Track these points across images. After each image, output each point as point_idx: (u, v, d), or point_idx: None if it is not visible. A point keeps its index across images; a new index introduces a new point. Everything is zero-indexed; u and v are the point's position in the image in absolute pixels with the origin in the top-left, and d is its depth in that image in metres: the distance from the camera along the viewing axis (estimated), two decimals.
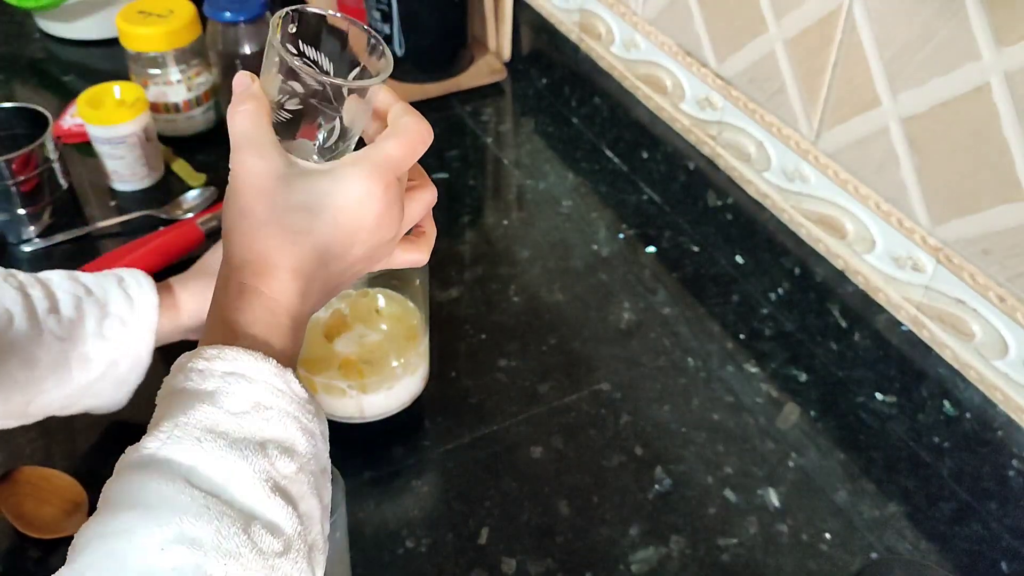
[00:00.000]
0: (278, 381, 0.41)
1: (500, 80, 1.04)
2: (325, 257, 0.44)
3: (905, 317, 0.67)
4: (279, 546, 0.38)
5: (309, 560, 0.40)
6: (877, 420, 0.69)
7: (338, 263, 0.45)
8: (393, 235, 0.46)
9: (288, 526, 0.39)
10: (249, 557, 0.36)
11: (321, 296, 0.46)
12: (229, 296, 0.43)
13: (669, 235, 0.85)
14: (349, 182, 0.43)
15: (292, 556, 0.38)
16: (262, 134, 0.44)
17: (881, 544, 0.61)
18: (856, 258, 0.69)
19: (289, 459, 0.40)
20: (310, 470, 0.41)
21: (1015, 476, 0.61)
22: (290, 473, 0.40)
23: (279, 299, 0.43)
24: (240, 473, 0.38)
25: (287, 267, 0.43)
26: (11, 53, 1.09)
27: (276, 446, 0.40)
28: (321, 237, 0.43)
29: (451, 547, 0.60)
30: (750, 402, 0.70)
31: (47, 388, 0.57)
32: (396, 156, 0.44)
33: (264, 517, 0.38)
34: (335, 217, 0.43)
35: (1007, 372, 0.60)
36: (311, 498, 0.41)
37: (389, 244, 0.46)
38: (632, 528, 0.62)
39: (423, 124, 0.46)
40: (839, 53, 0.65)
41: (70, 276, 0.61)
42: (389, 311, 0.67)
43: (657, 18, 0.83)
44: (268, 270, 0.43)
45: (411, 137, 0.45)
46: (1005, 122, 0.55)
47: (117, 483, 0.38)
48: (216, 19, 0.89)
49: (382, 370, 0.64)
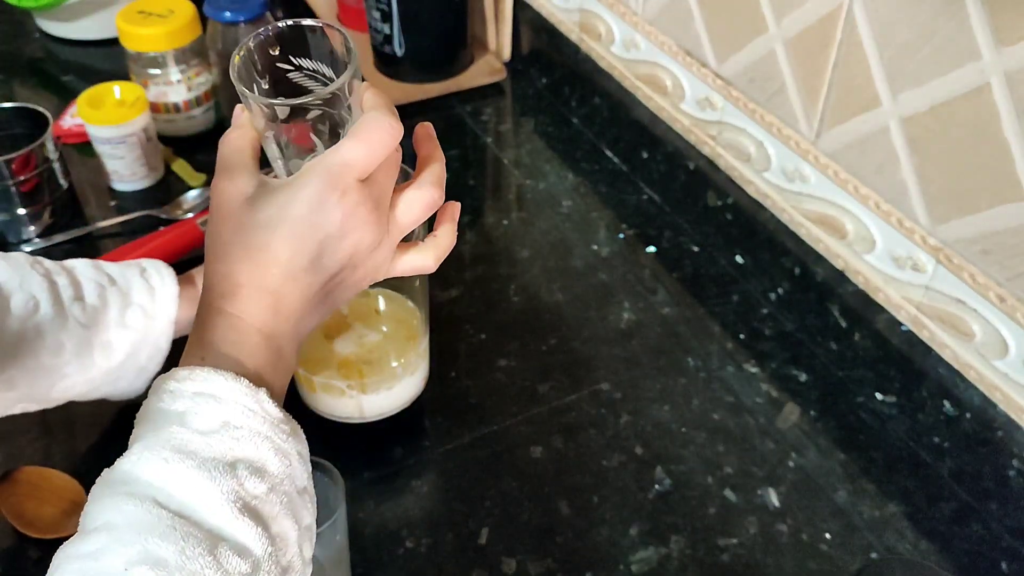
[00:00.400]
0: (249, 401, 0.41)
1: (500, 80, 1.04)
2: (293, 270, 0.43)
3: (905, 317, 0.67)
4: (246, 568, 0.37)
5: None
6: (877, 420, 0.69)
7: (315, 275, 0.44)
8: (373, 239, 0.45)
9: (257, 547, 0.38)
10: None
11: (308, 309, 0.45)
12: (202, 318, 0.44)
13: (669, 235, 0.85)
14: (303, 191, 0.43)
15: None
16: (237, 159, 0.45)
17: (881, 544, 0.61)
18: (856, 258, 0.69)
19: (259, 479, 0.40)
20: (283, 491, 0.41)
21: (1015, 476, 0.61)
22: (260, 493, 0.39)
23: (247, 318, 0.43)
24: (208, 493, 0.38)
25: (251, 284, 0.43)
26: (11, 53, 1.09)
27: (246, 466, 0.39)
28: (282, 251, 0.43)
29: (451, 547, 0.60)
30: (750, 402, 0.70)
31: (70, 373, 0.59)
32: (353, 158, 0.43)
33: (232, 538, 0.38)
34: (292, 229, 0.42)
35: (1007, 372, 0.60)
36: (284, 519, 0.40)
37: (377, 250, 0.46)
38: (632, 528, 0.62)
39: (386, 121, 0.44)
40: (839, 53, 0.65)
41: (94, 265, 0.63)
42: (389, 311, 0.67)
43: (657, 18, 0.83)
44: (233, 289, 0.43)
45: (370, 136, 0.44)
46: (1005, 122, 0.55)
47: (91, 505, 0.38)
48: (216, 19, 0.89)
49: (382, 370, 0.64)
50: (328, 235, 0.43)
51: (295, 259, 0.43)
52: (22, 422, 0.67)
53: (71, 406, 0.62)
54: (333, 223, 0.43)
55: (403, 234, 0.48)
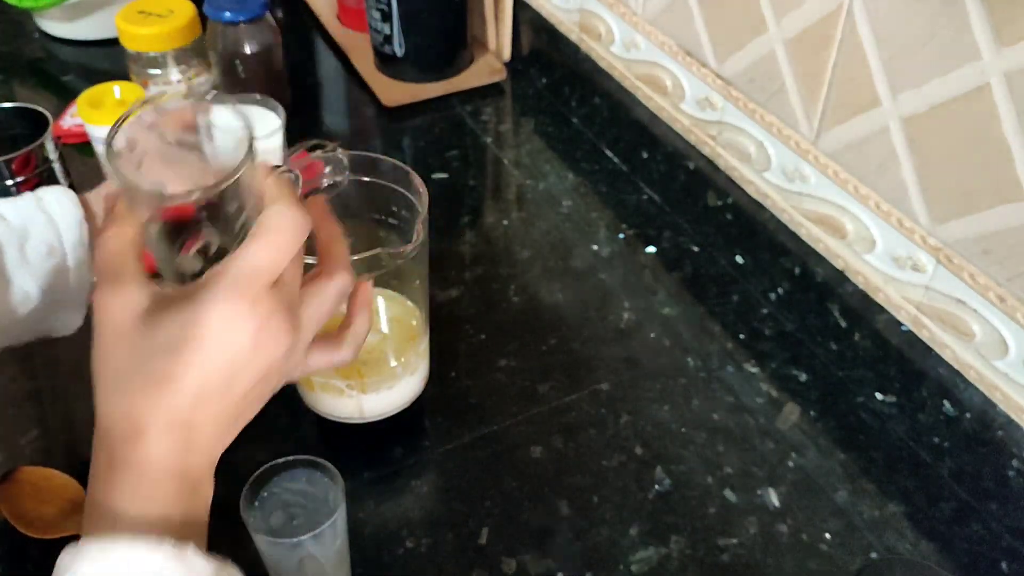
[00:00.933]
0: (175, 565, 0.37)
1: (500, 80, 1.04)
2: (203, 398, 0.39)
3: (905, 317, 0.67)
4: None
5: None
6: (877, 420, 0.69)
7: (227, 396, 0.39)
8: (287, 347, 0.41)
9: None
10: None
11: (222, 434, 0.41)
12: (100, 469, 0.39)
13: (669, 235, 0.85)
14: (208, 307, 0.38)
15: None
16: (121, 264, 0.40)
17: (881, 544, 0.61)
18: (856, 258, 0.69)
19: None
20: None
21: (1015, 476, 0.61)
22: None
23: (157, 463, 0.38)
24: None
25: (158, 424, 0.38)
26: (11, 53, 1.09)
27: None
28: (192, 379, 0.38)
29: (451, 547, 0.60)
30: (750, 402, 0.70)
31: None
32: (260, 263, 0.39)
33: None
34: (201, 352, 0.38)
35: (1007, 372, 0.60)
36: None
37: (289, 357, 0.41)
38: (632, 528, 0.62)
39: (292, 216, 0.40)
40: (839, 53, 0.65)
41: None
42: (389, 311, 0.67)
43: (657, 18, 0.83)
44: (137, 433, 0.38)
45: (278, 237, 0.39)
46: (1005, 122, 0.55)
47: None
48: (216, 19, 0.89)
49: (382, 370, 0.64)
50: (240, 352, 0.39)
51: (206, 385, 0.38)
52: (22, 422, 0.67)
53: (72, 405, 0.62)
54: (245, 339, 0.39)
55: (316, 331, 0.44)
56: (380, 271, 0.57)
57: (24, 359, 0.70)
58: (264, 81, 0.93)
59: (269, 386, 0.42)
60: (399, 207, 0.63)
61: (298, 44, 1.11)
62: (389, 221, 0.65)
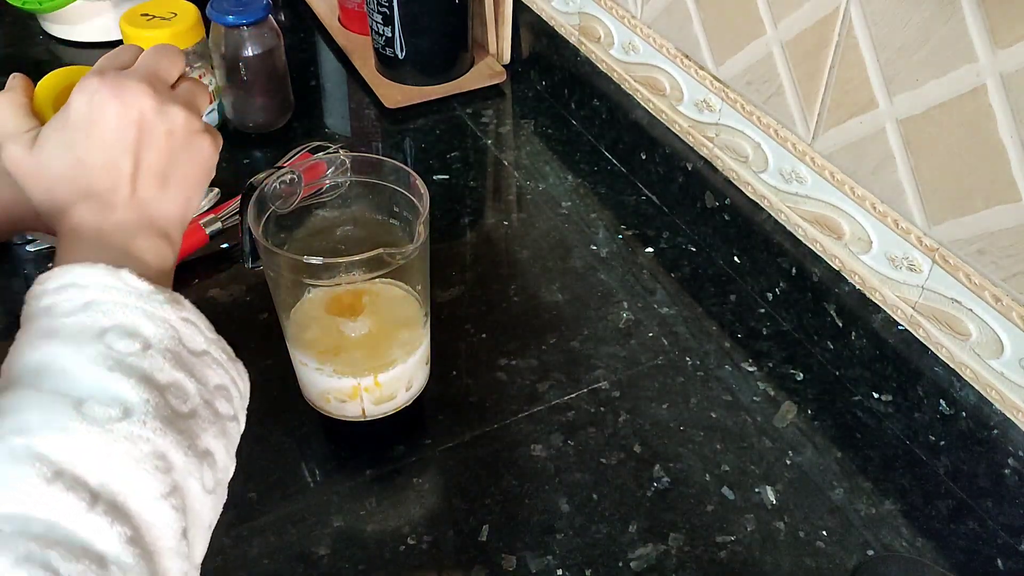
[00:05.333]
0: (110, 279, 0.42)
1: (500, 82, 1.04)
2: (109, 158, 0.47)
3: (901, 317, 0.67)
4: (116, 413, 0.38)
5: (172, 423, 0.40)
6: (873, 419, 0.69)
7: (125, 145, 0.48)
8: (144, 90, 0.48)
9: (131, 396, 0.39)
10: (78, 428, 0.37)
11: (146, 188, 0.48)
12: (57, 251, 0.46)
13: (667, 236, 0.86)
14: (72, 102, 0.48)
15: (137, 419, 0.39)
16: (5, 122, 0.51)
17: (878, 541, 0.62)
18: (853, 258, 0.70)
19: (131, 340, 0.41)
20: (165, 349, 0.42)
21: (1011, 474, 0.61)
22: (134, 351, 0.41)
23: (89, 222, 0.46)
24: (72, 362, 0.39)
25: (76, 197, 0.47)
26: (15, 55, 1.09)
27: (116, 332, 0.41)
28: (91, 152, 0.47)
29: (452, 544, 0.61)
30: (747, 401, 0.71)
31: None
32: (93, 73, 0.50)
33: (102, 395, 0.39)
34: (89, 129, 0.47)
35: (1002, 371, 0.61)
36: (175, 372, 0.41)
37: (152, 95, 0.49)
38: (631, 525, 0.62)
39: None
40: (836, 55, 0.65)
41: None
42: (389, 309, 0.67)
43: (655, 21, 0.84)
44: (63, 211, 0.47)
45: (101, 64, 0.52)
46: (1001, 124, 0.55)
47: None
48: (219, 22, 0.89)
49: (384, 368, 0.64)
50: (107, 108, 0.47)
51: (106, 149, 0.47)
52: None
53: None
54: (106, 95, 0.48)
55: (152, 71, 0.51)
56: (382, 271, 0.58)
57: None
58: (266, 83, 0.93)
59: (161, 128, 0.49)
60: (400, 208, 0.64)
61: (300, 46, 1.12)
62: (390, 222, 0.65)
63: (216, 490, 0.43)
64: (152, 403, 0.39)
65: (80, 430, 0.37)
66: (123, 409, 0.39)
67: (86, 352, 0.39)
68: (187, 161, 0.51)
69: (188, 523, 0.40)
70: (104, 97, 0.48)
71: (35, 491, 0.35)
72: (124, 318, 0.41)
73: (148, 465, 0.38)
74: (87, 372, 0.39)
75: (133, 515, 0.37)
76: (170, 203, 0.49)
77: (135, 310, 0.42)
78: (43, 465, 0.36)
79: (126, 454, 0.38)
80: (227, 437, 0.44)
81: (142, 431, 0.38)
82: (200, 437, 0.41)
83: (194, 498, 0.41)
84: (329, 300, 0.65)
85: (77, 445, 0.37)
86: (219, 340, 0.46)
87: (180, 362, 0.42)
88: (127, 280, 0.42)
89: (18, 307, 0.43)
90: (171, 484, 0.39)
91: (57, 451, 0.36)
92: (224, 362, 0.45)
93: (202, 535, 0.42)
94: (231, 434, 0.45)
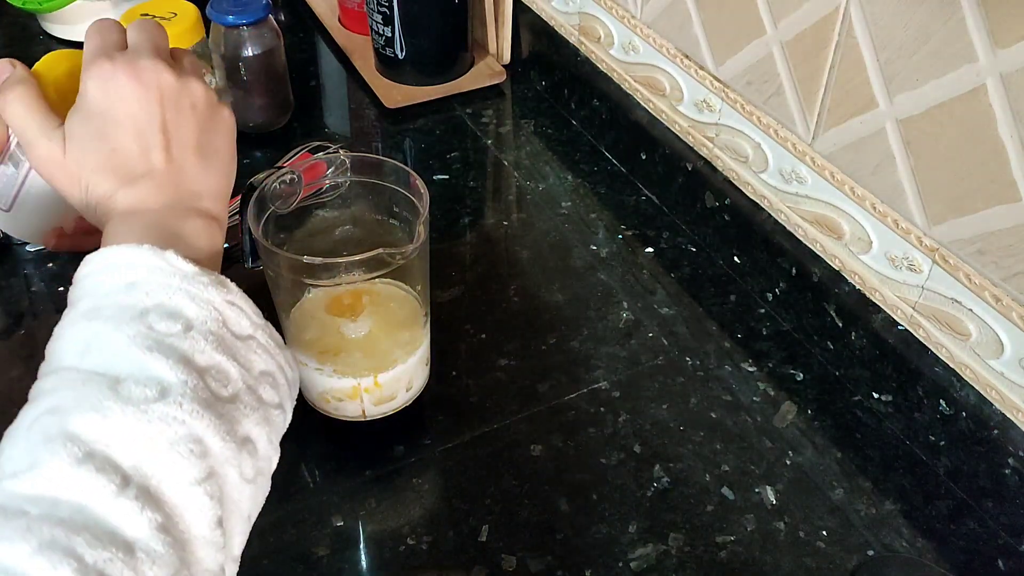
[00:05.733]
0: (155, 260, 0.42)
1: (500, 82, 1.04)
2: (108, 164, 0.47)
3: (901, 317, 0.67)
4: (152, 393, 0.37)
5: (211, 406, 0.39)
6: (873, 419, 0.69)
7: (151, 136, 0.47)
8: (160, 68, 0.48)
9: (169, 376, 0.38)
10: (113, 408, 0.36)
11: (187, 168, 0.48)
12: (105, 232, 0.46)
13: (667, 236, 0.86)
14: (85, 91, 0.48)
15: (173, 400, 0.38)
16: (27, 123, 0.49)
17: (878, 542, 0.62)
18: (853, 258, 0.70)
19: (173, 321, 0.40)
20: (208, 331, 0.41)
21: (1011, 474, 0.61)
22: (175, 332, 0.40)
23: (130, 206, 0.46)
24: (112, 341, 0.39)
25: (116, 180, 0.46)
26: (14, 55, 1.08)
27: (157, 312, 0.40)
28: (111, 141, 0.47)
29: (452, 544, 0.61)
30: (747, 401, 0.71)
31: None
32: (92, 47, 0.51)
33: (139, 374, 0.38)
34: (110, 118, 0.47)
35: (1002, 371, 0.61)
36: (216, 355, 0.41)
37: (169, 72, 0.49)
38: (631, 525, 0.62)
39: None
40: (836, 55, 0.65)
41: None
42: (389, 309, 0.67)
43: (655, 21, 0.84)
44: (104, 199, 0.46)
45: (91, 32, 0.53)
46: (1000, 124, 0.55)
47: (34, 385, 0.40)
48: (219, 22, 0.89)
49: (385, 368, 0.64)
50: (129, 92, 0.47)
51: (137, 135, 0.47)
52: None
53: None
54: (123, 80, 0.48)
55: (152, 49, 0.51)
56: (382, 271, 0.58)
57: (28, 358, 0.71)
58: (266, 83, 0.93)
59: (185, 102, 0.49)
60: (400, 208, 0.64)
61: (300, 46, 1.12)
62: (390, 222, 0.65)
63: (256, 479, 0.41)
64: (190, 384, 0.38)
65: (115, 410, 0.36)
66: (160, 389, 0.38)
67: (125, 331, 0.39)
68: (215, 132, 0.50)
69: (224, 512, 0.39)
70: (121, 81, 0.47)
71: (64, 472, 0.34)
72: (166, 299, 0.40)
73: (183, 448, 0.37)
74: (125, 351, 0.38)
75: (165, 501, 0.36)
76: (211, 176, 0.49)
77: (178, 291, 0.41)
78: (74, 445, 0.35)
79: (160, 435, 0.37)
80: (270, 425, 0.43)
81: (178, 412, 0.37)
82: (241, 423, 0.40)
83: (232, 486, 0.39)
84: (329, 300, 0.65)
85: (110, 425, 0.36)
86: (267, 326, 0.45)
87: (223, 345, 0.41)
88: (172, 261, 0.42)
89: (18, 307, 0.44)
90: (206, 470, 0.38)
91: (89, 431, 0.36)
92: (271, 348, 0.44)
93: (241, 526, 0.41)
94: (275, 423, 0.43)
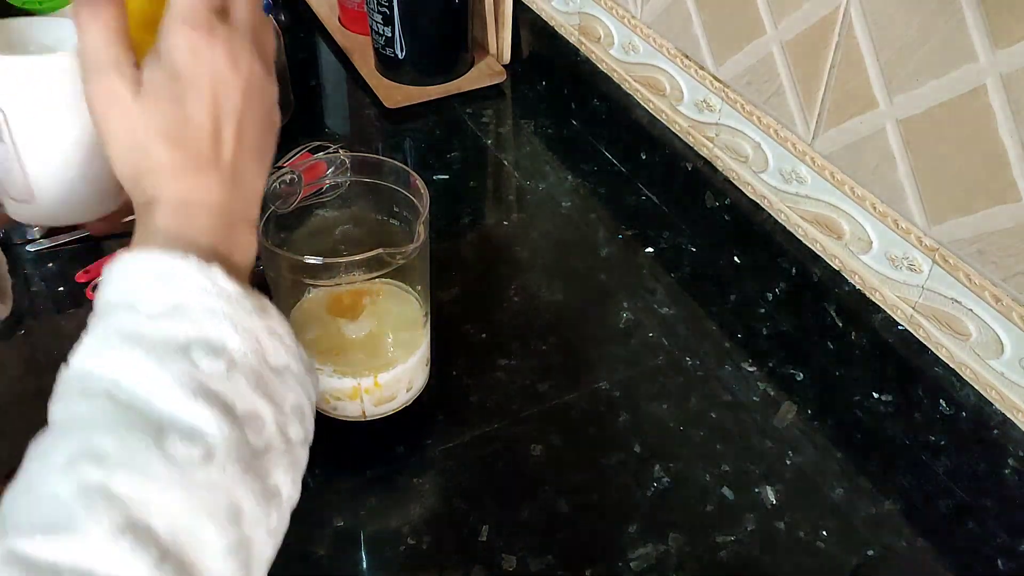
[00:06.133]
0: (201, 278, 0.38)
1: (500, 82, 1.04)
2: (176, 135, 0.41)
3: (901, 317, 0.68)
4: (197, 453, 0.35)
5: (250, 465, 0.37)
6: (874, 418, 0.69)
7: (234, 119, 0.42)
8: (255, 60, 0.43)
9: (213, 430, 0.36)
10: (159, 471, 0.34)
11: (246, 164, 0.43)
12: (140, 216, 0.42)
13: (667, 236, 0.86)
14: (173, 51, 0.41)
15: (218, 463, 0.36)
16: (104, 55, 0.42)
17: (878, 541, 0.62)
18: (853, 258, 0.70)
19: (217, 358, 0.37)
20: (249, 368, 0.38)
21: (1011, 474, 0.61)
22: (218, 373, 0.37)
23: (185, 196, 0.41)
24: (157, 379, 0.36)
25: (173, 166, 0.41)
26: None
27: (201, 346, 0.37)
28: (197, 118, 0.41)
29: (452, 544, 0.61)
30: (747, 400, 0.71)
31: None
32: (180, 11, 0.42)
33: (182, 424, 0.36)
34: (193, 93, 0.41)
35: (1002, 371, 0.61)
36: (255, 398, 0.38)
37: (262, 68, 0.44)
38: (631, 525, 0.62)
39: None
40: (836, 55, 0.65)
41: None
42: (390, 309, 0.67)
43: (655, 21, 0.84)
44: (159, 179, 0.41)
45: None
46: (1000, 124, 0.55)
47: (52, 404, 0.37)
48: None
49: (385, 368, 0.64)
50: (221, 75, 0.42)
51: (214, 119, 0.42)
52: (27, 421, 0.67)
53: None
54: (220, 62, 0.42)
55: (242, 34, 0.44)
56: (382, 271, 0.58)
57: (29, 358, 0.71)
58: None
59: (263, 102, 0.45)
60: (400, 208, 0.64)
61: (300, 46, 1.12)
62: (390, 222, 0.65)
63: (279, 526, 0.41)
64: (233, 440, 0.37)
65: (161, 475, 0.35)
66: (205, 450, 0.36)
67: (171, 369, 0.36)
68: (272, 136, 0.46)
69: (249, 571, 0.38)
70: (219, 57, 0.42)
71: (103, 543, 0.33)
72: (211, 329, 0.38)
73: (221, 517, 0.36)
74: (170, 396, 0.36)
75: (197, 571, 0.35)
76: (260, 182, 0.45)
77: (223, 318, 0.38)
78: (116, 511, 0.33)
79: (201, 505, 0.35)
80: (296, 467, 0.41)
81: (221, 478, 0.36)
82: (271, 474, 0.39)
83: (259, 546, 0.38)
84: (329, 300, 0.65)
85: (154, 491, 0.34)
86: (298, 348, 0.43)
87: (260, 383, 0.39)
88: (217, 279, 0.39)
89: (18, 307, 0.43)
90: (239, 538, 0.37)
91: (132, 492, 0.34)
92: (301, 377, 0.42)
93: (260, 573, 0.40)
94: (299, 462, 0.42)
